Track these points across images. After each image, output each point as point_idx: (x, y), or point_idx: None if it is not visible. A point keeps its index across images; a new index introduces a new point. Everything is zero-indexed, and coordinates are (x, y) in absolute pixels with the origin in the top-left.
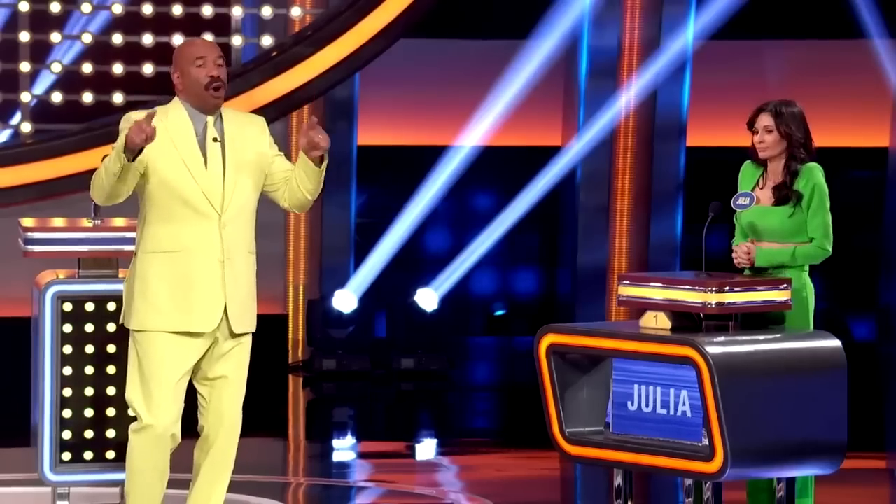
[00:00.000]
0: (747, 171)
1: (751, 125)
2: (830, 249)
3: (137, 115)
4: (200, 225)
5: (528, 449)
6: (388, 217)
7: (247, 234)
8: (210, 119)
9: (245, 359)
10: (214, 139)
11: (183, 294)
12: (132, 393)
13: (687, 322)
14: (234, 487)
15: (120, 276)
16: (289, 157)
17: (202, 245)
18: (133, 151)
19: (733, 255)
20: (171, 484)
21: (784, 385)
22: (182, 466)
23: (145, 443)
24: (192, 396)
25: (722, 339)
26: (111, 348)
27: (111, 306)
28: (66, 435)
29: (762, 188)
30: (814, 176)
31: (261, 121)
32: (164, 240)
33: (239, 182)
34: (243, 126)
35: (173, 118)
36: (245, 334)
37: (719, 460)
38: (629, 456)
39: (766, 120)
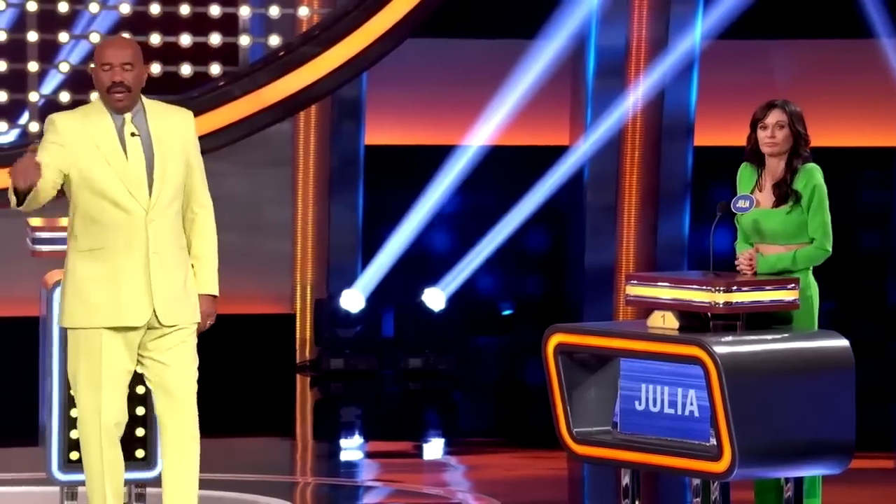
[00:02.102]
0: (745, 174)
1: (756, 122)
2: (830, 249)
3: (61, 118)
4: (127, 221)
5: (535, 448)
6: (395, 217)
7: (176, 229)
8: (128, 116)
9: (188, 343)
10: (133, 134)
11: (112, 290)
12: (74, 389)
13: (694, 322)
14: (242, 487)
15: None
16: (297, 156)
17: (129, 241)
18: (22, 193)
19: (736, 262)
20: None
21: (792, 384)
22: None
23: (92, 433)
24: None
25: (730, 338)
26: None
27: None
28: (74, 434)
29: (761, 190)
30: (813, 176)
31: (188, 114)
32: (92, 238)
33: (164, 176)
34: (167, 118)
35: (94, 118)
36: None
37: (727, 460)
38: (637, 455)
39: (778, 116)
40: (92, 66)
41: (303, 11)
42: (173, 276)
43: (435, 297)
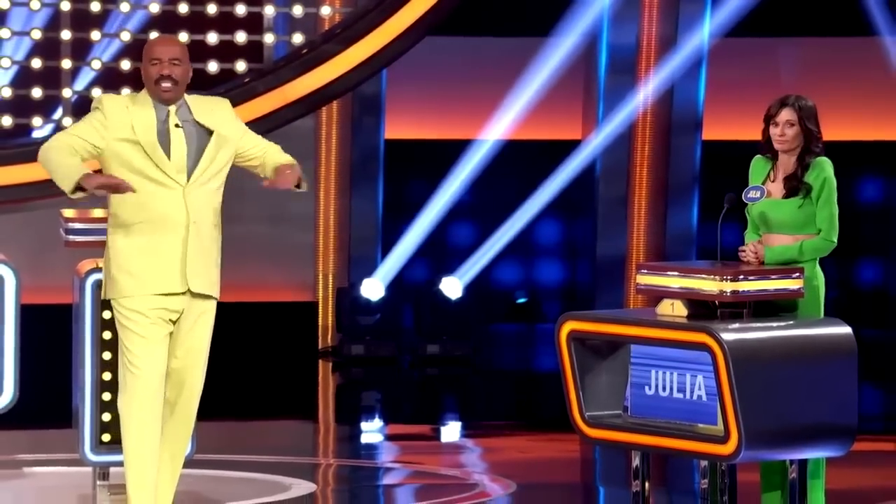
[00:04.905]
0: (758, 165)
1: (769, 118)
2: (836, 241)
3: (109, 98)
4: (165, 195)
5: (549, 432)
6: (414, 209)
7: (213, 207)
8: (172, 108)
9: (209, 328)
10: (177, 125)
11: (152, 260)
12: (120, 354)
13: (702, 309)
14: (266, 468)
15: None
16: (319, 150)
17: (167, 212)
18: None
19: (740, 252)
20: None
21: (796, 370)
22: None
23: (134, 390)
24: None
25: (736, 325)
26: None
27: None
28: (106, 417)
29: (773, 181)
30: (824, 169)
31: (225, 102)
32: (131, 212)
33: (211, 160)
34: (209, 108)
35: (139, 106)
36: (207, 298)
37: (734, 443)
38: (647, 438)
39: (789, 115)
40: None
41: (325, 10)
42: (206, 249)
43: (452, 286)
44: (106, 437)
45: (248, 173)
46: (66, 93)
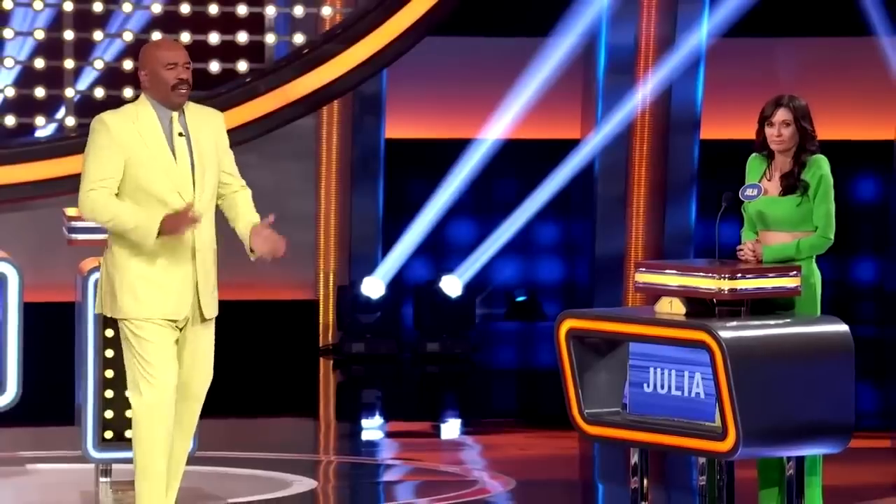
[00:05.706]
0: (754, 164)
1: (764, 119)
2: (833, 238)
3: (111, 118)
4: None
5: (548, 429)
6: (414, 207)
7: (212, 229)
8: (174, 115)
9: (212, 338)
10: (180, 134)
11: (159, 284)
12: (130, 372)
13: (700, 307)
14: (268, 465)
15: None
16: (320, 149)
17: (176, 239)
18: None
19: (738, 251)
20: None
21: (794, 368)
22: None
23: (151, 399)
24: None
25: (734, 323)
26: None
27: None
28: (109, 414)
29: (769, 180)
30: (821, 167)
31: (220, 115)
32: None
33: (206, 176)
34: (204, 119)
35: (143, 118)
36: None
37: (731, 440)
38: (645, 435)
39: (784, 115)
40: (141, 69)
41: (326, 11)
42: (211, 274)
43: (452, 284)
44: (108, 435)
45: (247, 169)
46: (69, 92)
